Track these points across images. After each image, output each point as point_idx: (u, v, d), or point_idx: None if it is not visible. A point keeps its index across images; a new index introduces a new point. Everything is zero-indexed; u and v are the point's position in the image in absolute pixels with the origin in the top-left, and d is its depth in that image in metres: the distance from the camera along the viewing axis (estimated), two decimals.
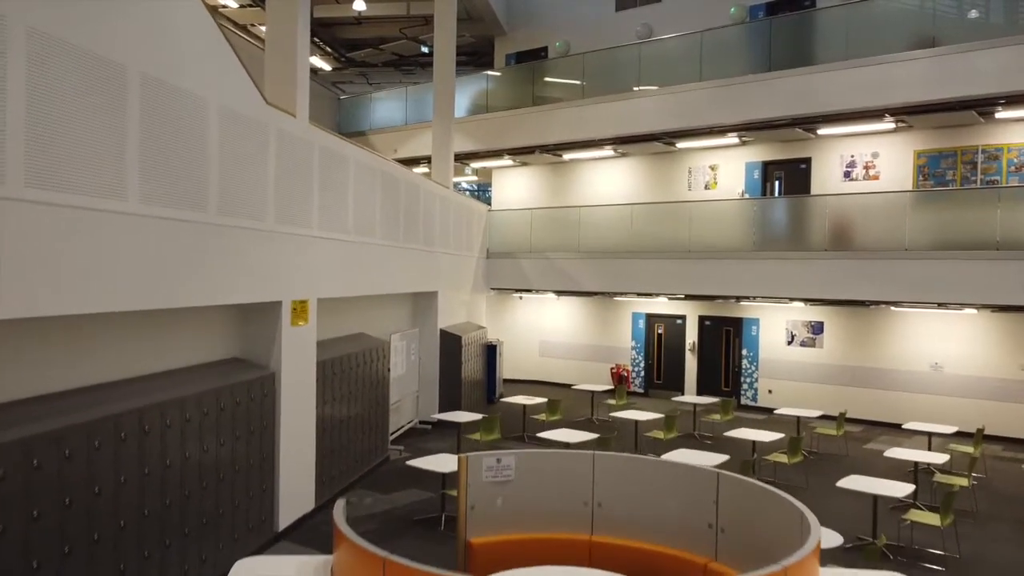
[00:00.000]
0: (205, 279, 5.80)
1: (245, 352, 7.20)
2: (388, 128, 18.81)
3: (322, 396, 8.20)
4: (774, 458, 9.42)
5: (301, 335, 7.53)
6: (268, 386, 6.98)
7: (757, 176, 14.85)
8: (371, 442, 9.80)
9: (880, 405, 13.49)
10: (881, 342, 13.54)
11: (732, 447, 10.26)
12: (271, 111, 6.81)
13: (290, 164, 7.16)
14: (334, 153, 8.22)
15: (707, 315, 15.59)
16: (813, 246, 12.36)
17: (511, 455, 5.56)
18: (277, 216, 6.92)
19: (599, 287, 14.80)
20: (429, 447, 11.16)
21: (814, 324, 14.22)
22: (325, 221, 8.02)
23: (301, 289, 7.50)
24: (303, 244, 7.51)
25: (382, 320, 11.26)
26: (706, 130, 14.00)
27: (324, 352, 8.39)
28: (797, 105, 12.69)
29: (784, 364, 14.55)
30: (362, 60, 20.42)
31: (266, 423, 6.93)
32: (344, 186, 8.54)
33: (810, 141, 14.12)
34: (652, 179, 16.16)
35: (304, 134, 7.46)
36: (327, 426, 8.37)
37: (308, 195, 7.58)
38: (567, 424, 12.40)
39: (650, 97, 14.24)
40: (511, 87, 16.79)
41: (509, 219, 16.31)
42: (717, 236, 13.44)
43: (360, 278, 9.20)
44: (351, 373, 9.08)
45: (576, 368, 17.18)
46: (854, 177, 13.73)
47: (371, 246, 9.46)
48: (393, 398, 10.94)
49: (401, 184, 10.61)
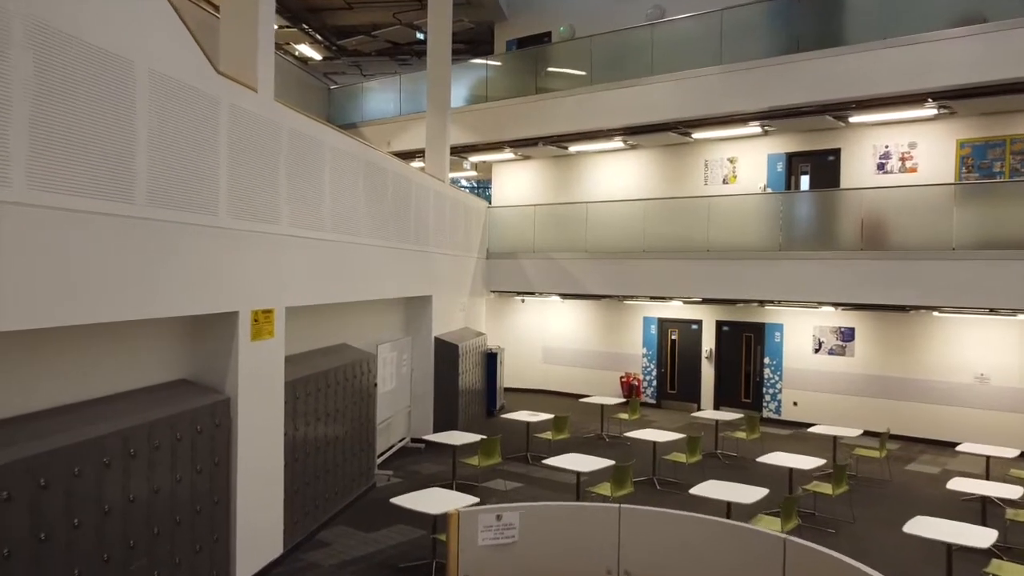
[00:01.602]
0: (129, 287, 4.62)
1: (195, 373, 6.02)
2: (381, 120, 17.65)
3: (293, 421, 7.02)
4: (814, 487, 8.23)
5: (264, 351, 6.34)
6: (221, 414, 5.79)
7: (781, 169, 13.66)
8: (355, 468, 8.62)
9: (918, 420, 12.29)
10: (919, 351, 12.34)
11: (765, 474, 9.06)
12: (223, 83, 5.63)
13: (249, 148, 5.98)
14: (306, 137, 7.03)
15: (725, 320, 14.40)
16: (846, 245, 11.17)
17: (514, 510, 4.37)
18: (231, 209, 5.74)
19: (607, 290, 13.61)
20: (421, 471, 9.98)
21: (844, 330, 13.02)
22: (296, 217, 6.84)
23: (264, 297, 6.33)
24: (267, 243, 6.33)
25: (368, 329, 10.07)
26: (725, 118, 12.81)
27: (296, 369, 7.21)
28: (827, 89, 11.50)
29: (810, 374, 13.36)
30: (354, 48, 19.22)
31: (218, 459, 5.74)
32: (319, 176, 7.35)
33: (840, 131, 12.92)
34: (665, 173, 14.97)
35: (267, 113, 6.28)
36: (300, 455, 7.19)
37: (273, 186, 6.39)
38: (575, 443, 11.24)
39: (663, 83, 13.04)
40: (512, 75, 15.59)
41: (510, 216, 15.12)
42: (738, 234, 12.24)
43: (340, 282, 8.02)
44: (330, 391, 7.90)
45: (582, 377, 15.99)
46: (889, 170, 12.53)
47: (354, 246, 8.28)
48: (381, 416, 9.76)
49: (389, 176, 9.43)
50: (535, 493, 9.12)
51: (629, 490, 7.89)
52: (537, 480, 9.59)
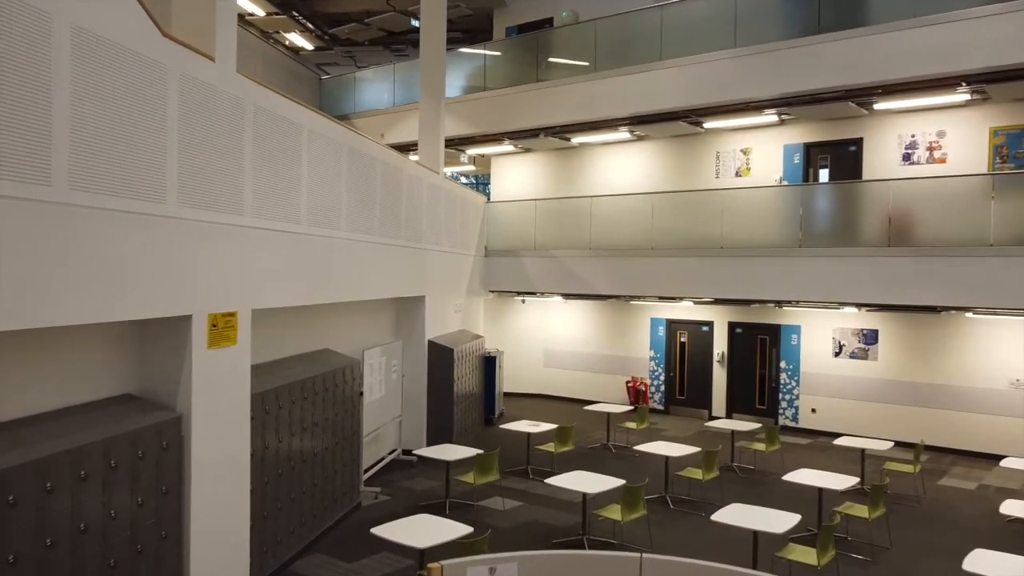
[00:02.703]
0: (51, 287, 3.80)
1: (142, 387, 5.19)
2: (374, 111, 16.82)
3: (262, 438, 6.20)
4: (847, 509, 7.39)
5: (225, 360, 5.52)
6: (170, 434, 4.97)
7: (798, 160, 12.81)
8: (337, 487, 7.80)
9: (948, 429, 11.45)
10: (949, 354, 11.49)
11: (790, 493, 8.23)
12: (172, 48, 4.80)
13: (205, 125, 5.15)
14: (278, 118, 6.21)
15: (738, 321, 13.56)
16: (872, 241, 10.33)
17: (511, 561, 3.54)
18: (183, 197, 4.92)
19: (613, 289, 12.77)
20: (413, 487, 9.16)
21: (866, 332, 12.18)
22: (265, 207, 6.01)
23: (225, 297, 5.50)
24: (229, 237, 5.50)
25: (354, 333, 9.26)
26: (740, 106, 11.96)
27: (266, 379, 6.39)
28: (850, 73, 10.64)
29: (830, 379, 12.52)
30: (347, 37, 18.39)
31: (167, 488, 4.92)
32: (295, 163, 6.53)
33: (862, 119, 12.08)
34: (674, 166, 14.13)
35: (228, 86, 5.46)
36: (270, 476, 6.37)
37: (236, 171, 5.57)
38: (579, 455, 10.42)
39: (673, 69, 12.19)
40: (512, 63, 14.73)
41: (510, 212, 14.29)
42: (754, 230, 11.40)
43: (320, 282, 7.19)
44: (307, 403, 7.08)
45: (586, 381, 15.16)
46: (915, 160, 11.69)
47: (335, 241, 7.45)
48: (368, 428, 8.94)
49: (377, 165, 8.61)
50: (536, 513, 8.29)
51: (641, 513, 7.07)
52: (539, 498, 8.76)
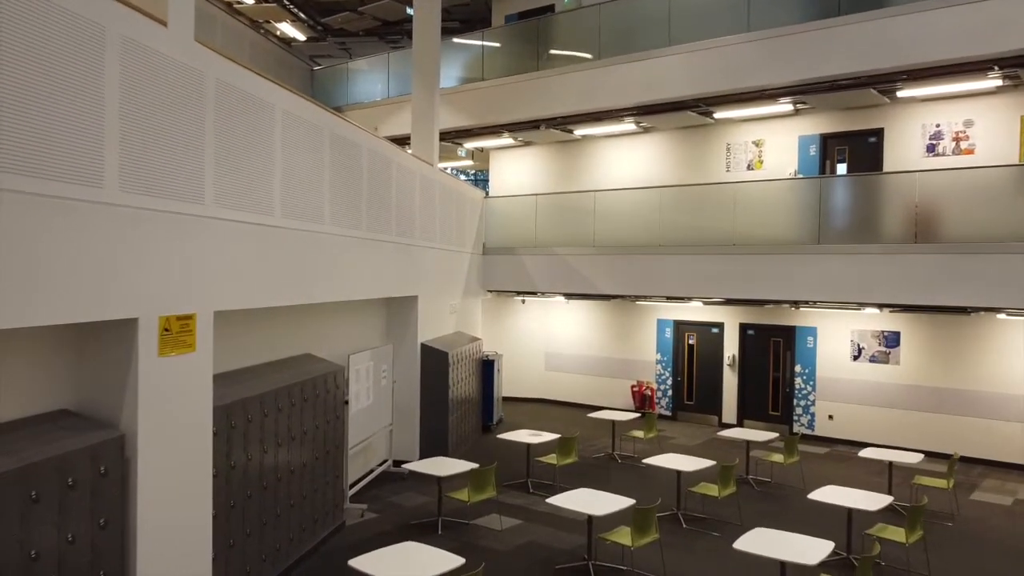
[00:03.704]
0: None
1: (81, 401, 4.49)
2: (368, 103, 16.11)
3: (227, 456, 5.50)
4: (879, 532, 6.68)
5: (180, 369, 4.82)
6: (110, 457, 4.27)
7: (814, 152, 12.10)
8: (318, 505, 7.10)
9: (976, 438, 10.73)
10: (977, 358, 10.78)
11: (815, 512, 7.50)
12: (112, 7, 4.10)
13: (154, 98, 4.45)
14: (245, 94, 5.50)
15: (750, 323, 12.85)
16: (897, 238, 9.62)
17: None
18: (125, 180, 4.21)
19: (618, 289, 12.06)
20: (403, 503, 8.45)
21: (887, 335, 11.47)
22: (230, 195, 5.31)
23: (181, 298, 4.80)
24: (185, 228, 4.80)
25: (339, 336, 8.56)
26: (753, 94, 11.25)
27: (233, 389, 5.68)
28: (872, 58, 9.92)
29: (849, 384, 11.80)
30: (340, 27, 17.69)
31: (105, 520, 4.22)
32: (266, 147, 5.83)
33: (883, 108, 11.37)
34: (682, 159, 13.42)
35: (184, 56, 4.75)
36: (238, 498, 5.67)
37: (194, 154, 4.87)
38: (583, 467, 9.73)
39: (682, 55, 11.48)
40: (511, 51, 14.01)
41: (509, 207, 13.58)
42: (769, 227, 10.69)
43: (296, 280, 6.49)
44: (282, 415, 6.37)
45: (589, 385, 14.45)
46: (940, 151, 10.97)
47: (316, 236, 6.75)
48: (354, 439, 8.23)
49: (363, 153, 7.90)
50: (536, 533, 7.58)
51: (653, 537, 6.37)
52: (539, 515, 8.05)
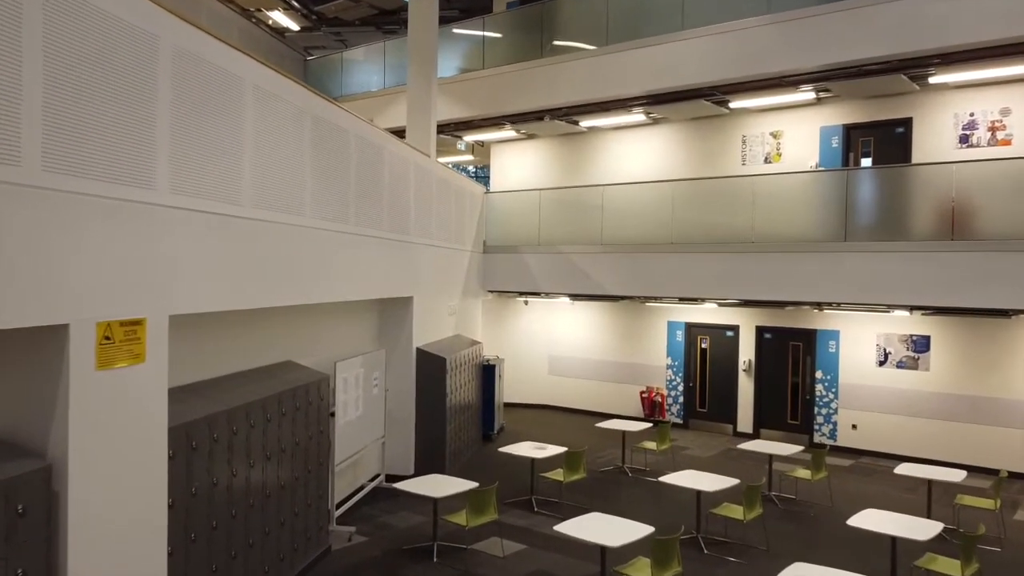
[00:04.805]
0: None
1: (4, 425, 3.75)
2: (364, 94, 15.39)
3: (186, 483, 4.75)
4: (929, 563, 5.94)
5: (126, 383, 4.08)
6: (33, 492, 3.53)
7: (836, 144, 11.35)
8: (299, 530, 6.36)
9: (1013, 451, 9.97)
10: (1015, 364, 10.02)
11: (853, 540, 6.74)
12: None
13: (92, 64, 3.71)
14: (209, 65, 4.76)
15: (767, 325, 12.10)
16: (931, 235, 8.88)
17: None
18: (49, 158, 3.47)
19: (627, 290, 11.31)
20: (395, 524, 7.71)
21: (916, 339, 10.71)
22: (190, 181, 4.57)
23: (126, 300, 4.06)
24: (130, 217, 4.06)
25: (326, 341, 7.82)
26: (773, 80, 10.50)
27: (194, 405, 4.95)
28: (904, 41, 9.18)
29: (874, 391, 11.05)
30: (334, 16, 16.97)
31: (24, 569, 3.48)
32: (234, 126, 5.09)
33: (912, 96, 10.62)
34: (694, 152, 12.67)
35: (127, 13, 4.01)
36: (200, 531, 4.93)
37: (144, 130, 4.12)
38: (590, 480, 8.98)
39: (697, 39, 10.73)
40: (513, 38, 13.28)
41: (512, 203, 12.85)
42: (791, 223, 9.95)
43: (272, 279, 5.75)
44: (255, 431, 5.63)
45: (595, 391, 13.71)
46: (974, 143, 10.23)
47: (295, 229, 6.02)
48: (342, 454, 7.49)
49: (351, 139, 7.16)
50: (542, 561, 6.83)
51: (676, 571, 5.62)
52: (545, 539, 7.29)
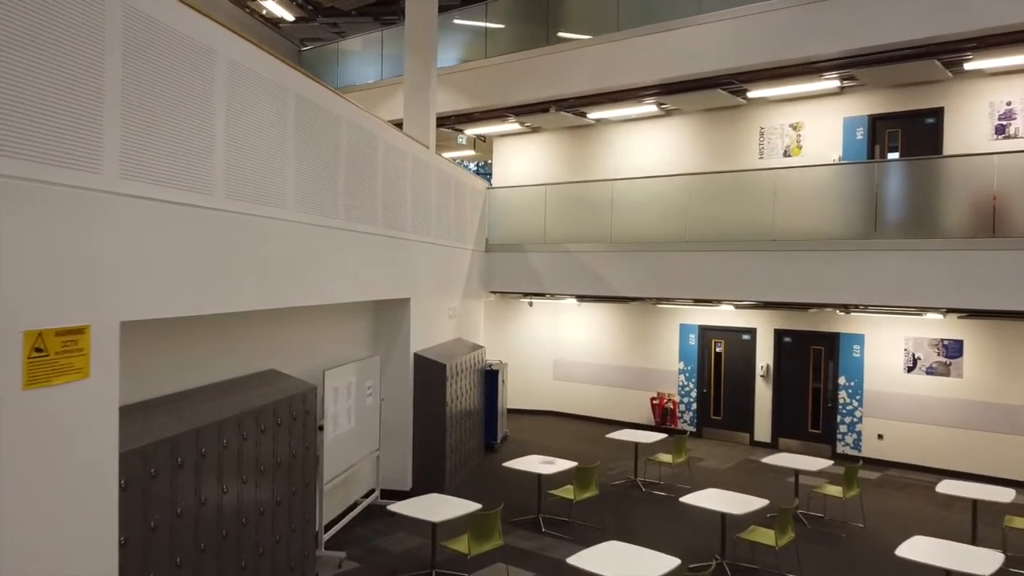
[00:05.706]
0: None
1: None
2: (361, 86, 14.77)
3: (143, 517, 4.09)
4: None
5: (64, 404, 3.42)
6: None
7: (861, 136, 10.69)
8: (281, 560, 5.70)
9: None
10: None
11: (895, 569, 6.08)
12: None
13: (21, 23, 3.05)
14: (173, 33, 4.10)
15: (786, 329, 11.43)
16: (968, 232, 8.23)
17: None
18: None
19: (637, 290, 10.65)
20: (389, 549, 7.05)
21: (948, 344, 10.04)
22: (147, 167, 3.91)
23: (65, 304, 3.40)
24: (70, 206, 3.40)
25: (314, 347, 7.16)
26: (796, 67, 9.84)
27: (153, 424, 4.28)
28: (938, 23, 8.55)
29: (901, 399, 10.39)
30: (330, 6, 16.30)
31: None
32: (204, 106, 4.43)
33: (944, 85, 9.97)
34: (708, 145, 12.01)
35: None
36: (163, 570, 4.25)
37: (90, 106, 3.46)
38: (601, 496, 8.31)
39: (713, 24, 10.09)
40: (517, 25, 12.63)
41: (516, 199, 12.18)
42: (815, 220, 9.30)
43: (248, 280, 5.09)
44: (229, 451, 4.97)
45: (603, 396, 13.06)
46: (1011, 133, 9.57)
47: (275, 223, 5.36)
48: (331, 472, 6.83)
49: (341, 125, 6.50)
50: None
51: None
52: (554, 565, 6.62)
